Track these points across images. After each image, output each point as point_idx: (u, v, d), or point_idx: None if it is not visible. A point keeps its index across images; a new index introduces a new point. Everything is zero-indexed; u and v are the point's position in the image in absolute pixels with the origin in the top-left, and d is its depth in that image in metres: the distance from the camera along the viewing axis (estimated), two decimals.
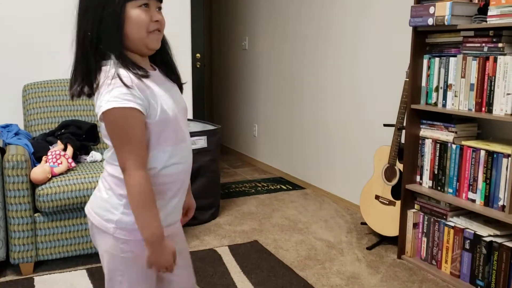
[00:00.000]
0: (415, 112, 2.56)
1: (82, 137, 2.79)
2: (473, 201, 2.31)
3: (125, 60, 1.15)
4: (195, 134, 3.05)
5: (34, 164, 2.48)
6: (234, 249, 2.74)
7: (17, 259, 2.39)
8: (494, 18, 2.13)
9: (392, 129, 2.79)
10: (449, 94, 2.38)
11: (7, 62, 2.95)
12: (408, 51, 2.59)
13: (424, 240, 2.58)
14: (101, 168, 2.59)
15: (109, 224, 1.22)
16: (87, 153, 2.80)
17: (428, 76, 2.49)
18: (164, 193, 1.23)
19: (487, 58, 2.19)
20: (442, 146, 2.45)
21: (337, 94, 3.60)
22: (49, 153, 2.52)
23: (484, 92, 2.21)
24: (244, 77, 4.95)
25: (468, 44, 2.28)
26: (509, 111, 2.10)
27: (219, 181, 3.32)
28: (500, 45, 2.14)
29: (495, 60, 2.15)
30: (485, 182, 2.24)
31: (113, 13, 1.13)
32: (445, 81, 2.40)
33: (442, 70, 2.41)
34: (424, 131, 2.56)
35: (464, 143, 2.35)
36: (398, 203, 2.71)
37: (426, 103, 2.51)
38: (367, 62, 3.29)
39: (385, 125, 2.88)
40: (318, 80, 3.80)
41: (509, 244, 2.15)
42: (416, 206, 2.63)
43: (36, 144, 2.61)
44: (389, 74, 3.09)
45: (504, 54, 2.13)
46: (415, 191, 2.59)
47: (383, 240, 2.86)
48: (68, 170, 2.53)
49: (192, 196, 1.47)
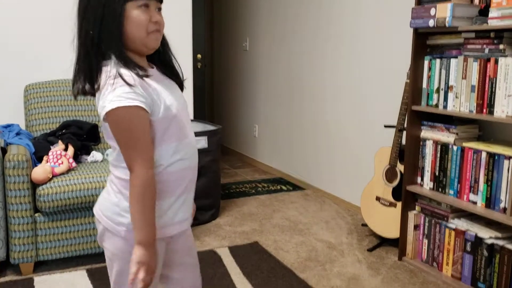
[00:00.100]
0: (416, 114, 2.55)
1: (83, 137, 2.79)
2: (474, 203, 2.30)
3: (126, 59, 1.15)
4: (196, 135, 3.05)
5: (35, 164, 2.48)
6: (234, 250, 2.74)
7: (17, 259, 2.39)
8: (495, 20, 2.13)
9: (392, 130, 2.79)
10: (450, 95, 2.38)
11: (9, 63, 2.95)
12: (409, 52, 2.59)
13: (425, 242, 2.57)
14: (101, 168, 2.59)
15: (120, 227, 1.22)
16: (88, 153, 2.80)
17: (429, 77, 2.49)
18: (173, 190, 1.23)
19: (488, 60, 2.19)
20: (443, 148, 2.45)
21: (337, 94, 3.60)
22: (50, 153, 2.52)
23: (485, 94, 2.21)
24: (245, 78, 4.95)
25: (469, 46, 2.28)
26: (510, 112, 2.10)
27: (219, 181, 3.32)
28: (501, 46, 2.13)
29: (496, 61, 2.15)
30: (486, 184, 2.24)
31: (113, 12, 1.14)
32: (446, 83, 2.40)
33: (443, 72, 2.41)
34: (425, 133, 2.55)
35: (465, 144, 2.35)
36: (399, 204, 2.71)
37: (427, 104, 2.51)
38: (367, 63, 3.29)
39: (385, 126, 2.88)
40: (318, 81, 3.80)
41: (511, 247, 2.15)
42: (417, 208, 2.63)
43: (37, 144, 2.61)
44: (390, 75, 3.09)
45: (505, 56, 2.13)
46: (416, 193, 2.59)
47: (383, 241, 2.86)
48: (69, 170, 2.53)
49: None
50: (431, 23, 2.33)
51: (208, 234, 2.99)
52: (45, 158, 2.49)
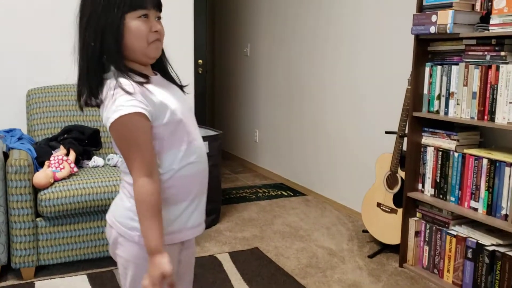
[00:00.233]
0: (417, 120, 2.56)
1: (85, 142, 2.80)
2: (475, 209, 2.30)
3: (125, 70, 1.16)
4: None
5: (37, 169, 2.49)
6: (235, 256, 2.73)
7: (18, 263, 2.39)
8: (497, 27, 2.13)
9: (393, 136, 2.79)
10: (451, 102, 2.39)
11: (12, 67, 2.96)
12: (410, 58, 2.60)
13: (426, 248, 2.57)
14: (103, 173, 2.59)
15: (134, 232, 1.21)
16: (89, 158, 2.81)
17: (430, 84, 2.49)
18: (186, 194, 1.24)
19: (490, 67, 2.19)
20: (444, 154, 2.45)
21: (338, 100, 3.60)
22: (51, 158, 2.53)
23: (486, 101, 2.21)
24: (246, 83, 4.96)
25: (471, 53, 2.29)
26: None
27: (220, 186, 3.32)
28: (503, 53, 2.14)
29: (498, 68, 2.15)
30: (487, 190, 2.24)
31: (113, 24, 1.14)
32: (447, 89, 2.40)
33: (444, 78, 2.42)
34: (426, 139, 2.56)
35: (466, 151, 2.35)
36: (399, 211, 2.70)
37: (428, 111, 2.51)
38: (368, 69, 3.29)
39: (387, 132, 2.88)
40: (319, 86, 3.81)
41: None
42: (418, 214, 2.63)
43: (39, 149, 2.62)
44: (391, 82, 3.10)
45: (506, 63, 2.13)
46: (417, 199, 2.59)
47: (384, 248, 2.85)
48: (70, 175, 2.53)
49: None
50: (433, 29, 2.34)
51: (209, 240, 2.99)
52: (46, 163, 2.50)
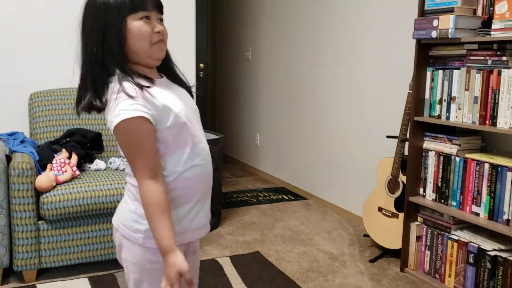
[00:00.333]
0: (418, 124, 2.56)
1: (87, 145, 2.80)
2: (477, 214, 2.30)
3: (129, 73, 1.16)
4: None
5: (39, 172, 2.49)
6: (236, 260, 2.73)
7: (20, 266, 2.39)
8: (498, 32, 2.14)
9: (395, 140, 2.79)
10: (453, 106, 2.39)
11: (14, 71, 2.97)
12: (411, 63, 2.61)
13: (428, 253, 2.57)
14: (104, 176, 2.60)
15: (138, 234, 1.22)
16: (91, 161, 2.81)
17: (431, 88, 2.50)
18: (191, 196, 1.24)
19: (491, 71, 2.20)
20: (446, 159, 2.45)
21: (339, 104, 3.61)
22: (54, 161, 2.53)
23: (488, 105, 2.22)
24: (247, 87, 4.97)
25: (472, 57, 2.29)
26: None
27: (221, 190, 3.32)
28: (504, 58, 2.15)
29: (499, 73, 2.16)
30: (489, 195, 2.24)
31: (115, 27, 1.15)
32: (449, 94, 2.41)
33: (446, 83, 2.42)
34: (427, 144, 2.56)
35: (468, 156, 2.35)
36: (401, 215, 2.70)
37: (430, 115, 2.52)
38: (370, 73, 3.30)
39: (388, 136, 2.88)
40: (320, 91, 3.82)
41: None
42: (419, 219, 2.63)
43: (41, 152, 2.62)
44: (392, 86, 3.10)
45: (508, 68, 2.14)
46: (419, 204, 2.59)
47: (386, 252, 2.85)
48: (73, 178, 2.53)
49: None
50: (434, 34, 2.34)
51: (210, 243, 2.98)
52: (49, 166, 2.50)
